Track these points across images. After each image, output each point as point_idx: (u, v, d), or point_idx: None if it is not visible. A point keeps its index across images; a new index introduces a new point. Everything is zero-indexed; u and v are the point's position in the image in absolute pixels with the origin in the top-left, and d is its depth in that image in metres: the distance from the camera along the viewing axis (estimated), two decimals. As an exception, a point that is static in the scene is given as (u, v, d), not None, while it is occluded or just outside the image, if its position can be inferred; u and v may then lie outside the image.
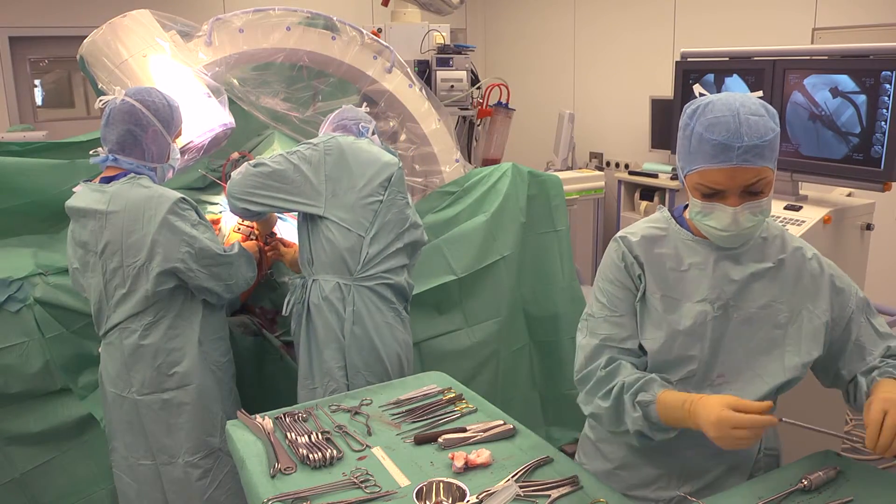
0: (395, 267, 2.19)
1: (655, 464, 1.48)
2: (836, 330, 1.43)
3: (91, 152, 2.05)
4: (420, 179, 3.02)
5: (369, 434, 1.61)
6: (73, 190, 2.04)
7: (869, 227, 2.52)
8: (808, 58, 2.50)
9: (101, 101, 2.02)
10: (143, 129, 1.99)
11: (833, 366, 1.46)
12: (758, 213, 1.33)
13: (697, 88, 1.43)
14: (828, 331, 1.42)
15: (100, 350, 2.08)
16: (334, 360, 2.10)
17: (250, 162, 2.16)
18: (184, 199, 1.99)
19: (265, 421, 1.64)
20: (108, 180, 2.00)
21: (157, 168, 2.06)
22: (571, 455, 1.61)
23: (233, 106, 2.52)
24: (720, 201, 1.33)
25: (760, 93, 1.39)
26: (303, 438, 1.56)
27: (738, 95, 1.34)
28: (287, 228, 2.70)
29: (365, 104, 2.51)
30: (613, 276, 1.47)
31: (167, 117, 2.03)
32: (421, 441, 1.56)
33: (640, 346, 1.44)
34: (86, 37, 2.40)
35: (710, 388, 1.40)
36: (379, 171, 2.17)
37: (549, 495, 1.35)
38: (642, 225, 1.50)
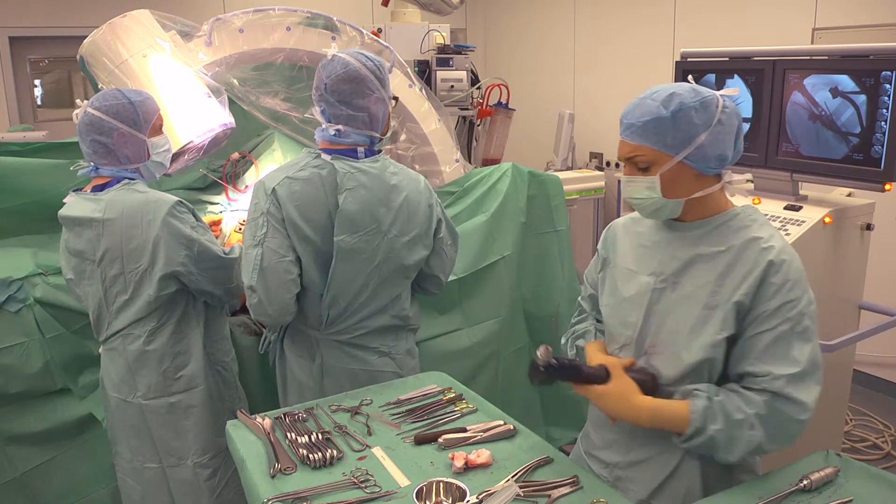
0: (380, 307, 1.97)
1: (613, 428, 1.54)
2: (747, 319, 1.37)
3: (72, 168, 2.03)
4: (420, 179, 3.01)
5: (369, 434, 1.61)
6: (64, 201, 2.00)
7: (869, 227, 2.52)
8: (808, 58, 2.50)
9: (75, 113, 1.98)
10: (108, 136, 1.93)
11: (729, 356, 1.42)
12: (644, 188, 1.41)
13: (690, 79, 1.49)
14: (738, 312, 1.36)
15: (100, 354, 2.07)
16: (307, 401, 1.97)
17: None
18: (180, 202, 1.96)
19: (265, 421, 1.63)
20: (100, 188, 1.97)
21: (140, 168, 2.01)
22: (571, 455, 1.62)
23: (233, 106, 2.52)
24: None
25: (737, 90, 1.46)
26: (303, 438, 1.56)
27: (674, 84, 1.42)
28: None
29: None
30: (595, 256, 1.69)
31: (131, 116, 1.95)
32: (421, 441, 1.56)
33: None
34: (86, 37, 2.40)
35: (643, 356, 1.48)
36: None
37: (549, 495, 1.35)
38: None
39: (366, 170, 1.90)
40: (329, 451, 1.49)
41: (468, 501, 1.31)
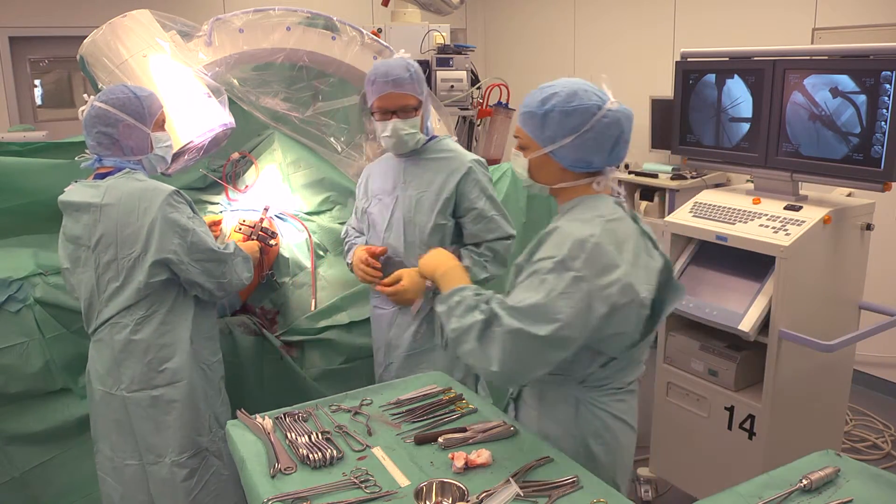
0: None
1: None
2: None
3: (77, 157, 2.06)
4: (420, 179, 3.01)
5: (369, 434, 1.61)
6: (66, 190, 2.03)
7: (869, 227, 2.52)
8: (808, 58, 2.50)
9: (81, 110, 2.02)
10: (114, 127, 1.97)
11: None
12: (519, 165, 1.60)
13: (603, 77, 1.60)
14: (518, 273, 1.57)
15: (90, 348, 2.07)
16: None
17: None
18: (178, 191, 1.98)
19: (265, 421, 1.64)
20: (101, 177, 2.00)
21: (143, 160, 2.04)
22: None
23: (233, 106, 2.52)
24: None
25: (618, 103, 1.55)
26: (303, 438, 1.56)
27: (571, 83, 1.53)
28: (287, 228, 2.71)
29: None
30: None
31: (136, 109, 2.00)
32: (421, 441, 1.56)
33: None
34: (86, 37, 2.40)
35: None
36: None
37: (549, 495, 1.35)
38: None
39: None
40: (329, 451, 1.49)
41: (468, 501, 1.32)
